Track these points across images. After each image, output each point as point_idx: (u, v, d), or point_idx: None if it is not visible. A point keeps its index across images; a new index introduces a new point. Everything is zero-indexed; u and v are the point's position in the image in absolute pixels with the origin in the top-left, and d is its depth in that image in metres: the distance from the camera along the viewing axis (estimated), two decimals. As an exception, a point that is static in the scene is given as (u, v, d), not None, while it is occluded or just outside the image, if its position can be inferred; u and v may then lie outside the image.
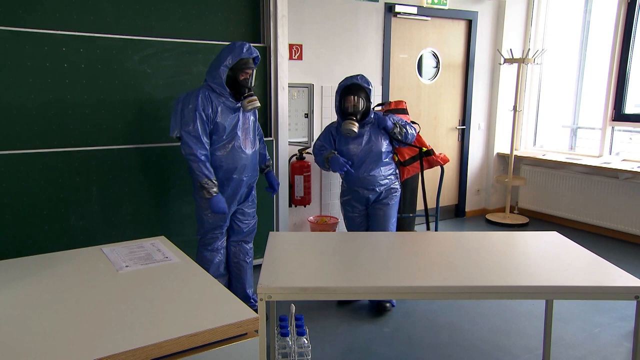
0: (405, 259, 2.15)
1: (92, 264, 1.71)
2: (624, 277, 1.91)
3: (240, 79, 2.62)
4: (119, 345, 1.17)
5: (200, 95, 2.56)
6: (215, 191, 2.58)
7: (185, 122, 2.55)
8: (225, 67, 2.58)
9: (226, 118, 2.62)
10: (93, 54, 2.99)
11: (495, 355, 2.60)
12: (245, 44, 2.62)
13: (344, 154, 2.97)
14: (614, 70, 4.61)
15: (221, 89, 2.61)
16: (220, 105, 2.61)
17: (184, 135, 2.56)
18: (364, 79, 2.95)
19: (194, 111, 2.54)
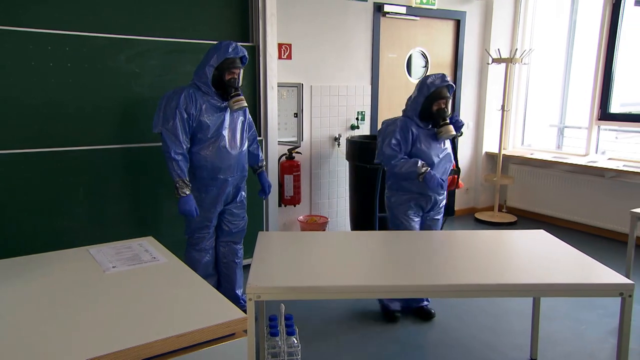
0: (394, 258, 2.16)
1: (79, 264, 1.69)
2: (609, 274, 1.94)
3: (227, 78, 2.60)
4: (106, 346, 1.15)
5: (183, 94, 2.54)
6: (184, 192, 2.55)
7: (166, 119, 2.53)
8: (211, 67, 2.57)
9: (211, 117, 2.60)
10: (79, 52, 2.96)
11: (483, 352, 2.62)
12: (231, 44, 2.60)
13: (423, 156, 2.74)
14: (600, 70, 4.67)
15: (207, 88, 2.59)
16: (205, 104, 2.59)
17: (163, 132, 2.54)
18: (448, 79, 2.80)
19: (174, 109, 2.52)
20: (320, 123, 4.29)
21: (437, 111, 2.72)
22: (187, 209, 2.58)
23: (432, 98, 2.71)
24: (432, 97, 2.71)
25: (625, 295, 1.84)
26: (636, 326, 2.87)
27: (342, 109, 4.39)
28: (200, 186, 2.69)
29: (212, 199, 2.71)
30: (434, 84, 2.71)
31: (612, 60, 4.61)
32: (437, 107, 2.72)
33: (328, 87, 4.27)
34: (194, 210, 2.60)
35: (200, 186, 2.69)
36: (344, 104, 4.39)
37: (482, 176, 5.39)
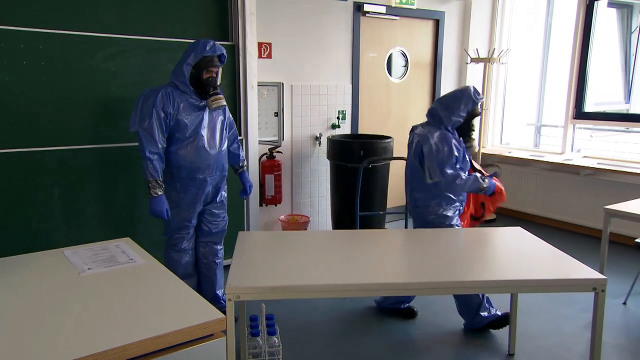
0: (374, 256, 2.17)
1: (53, 267, 1.66)
2: (583, 270, 1.98)
3: (205, 77, 2.56)
4: (80, 349, 1.13)
5: (161, 92, 2.51)
6: (156, 192, 2.51)
7: (142, 118, 2.50)
8: (189, 65, 2.53)
9: (189, 116, 2.57)
10: (53, 51, 2.90)
11: (462, 347, 2.65)
12: (208, 42, 2.56)
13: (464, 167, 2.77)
14: (575, 69, 4.76)
15: (185, 87, 2.56)
16: (183, 102, 2.56)
17: (139, 131, 2.51)
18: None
19: (151, 108, 2.49)
20: (301, 122, 4.29)
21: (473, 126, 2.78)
22: (158, 210, 2.54)
23: (474, 113, 2.74)
24: (474, 112, 2.74)
25: (599, 290, 1.89)
26: (610, 320, 2.94)
27: (322, 108, 4.39)
28: (179, 186, 2.66)
29: (191, 199, 2.68)
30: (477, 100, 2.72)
31: (586, 60, 4.71)
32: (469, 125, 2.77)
33: (309, 86, 4.26)
34: (165, 212, 2.55)
35: (179, 186, 2.66)
36: (324, 103, 4.39)
37: (461, 174, 5.45)
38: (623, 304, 3.17)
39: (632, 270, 3.46)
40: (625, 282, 3.42)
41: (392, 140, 4.13)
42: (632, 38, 5.16)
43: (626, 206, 3.03)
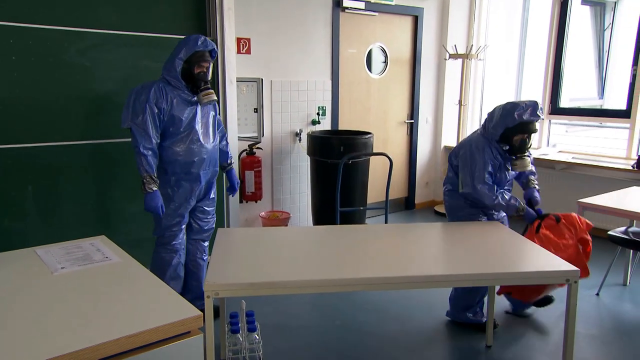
0: (355, 251, 2.18)
1: (24, 266, 1.62)
2: (557, 262, 2.03)
3: (196, 72, 2.57)
4: (51, 350, 1.11)
5: (153, 88, 2.50)
6: (152, 188, 2.49)
7: (135, 113, 2.48)
8: (180, 60, 2.53)
9: (182, 111, 2.57)
10: (25, 45, 2.82)
11: (442, 340, 2.69)
12: (200, 37, 2.56)
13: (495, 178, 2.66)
14: (550, 66, 4.86)
15: (176, 82, 2.56)
16: (176, 98, 2.55)
17: (132, 127, 2.49)
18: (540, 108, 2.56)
19: (144, 103, 2.47)
20: (281, 118, 4.27)
21: (520, 144, 2.54)
22: (153, 205, 2.52)
23: (516, 130, 2.50)
24: (517, 129, 2.50)
25: (571, 281, 1.93)
26: (583, 311, 3.02)
27: (302, 104, 4.38)
28: (173, 181, 2.64)
29: (185, 194, 2.66)
30: (521, 117, 2.47)
31: (561, 57, 4.81)
32: (519, 139, 2.53)
33: (288, 82, 4.25)
34: (160, 207, 2.54)
35: (173, 181, 2.64)
36: (304, 99, 4.38)
37: (441, 170, 5.51)
38: (596, 295, 3.25)
39: (605, 262, 3.55)
40: (598, 273, 3.50)
41: (372, 136, 4.14)
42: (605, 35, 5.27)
43: (599, 199, 3.11)
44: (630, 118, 4.42)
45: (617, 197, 3.20)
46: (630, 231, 3.22)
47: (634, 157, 4.34)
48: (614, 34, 5.13)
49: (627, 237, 3.12)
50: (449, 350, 2.60)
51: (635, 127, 4.41)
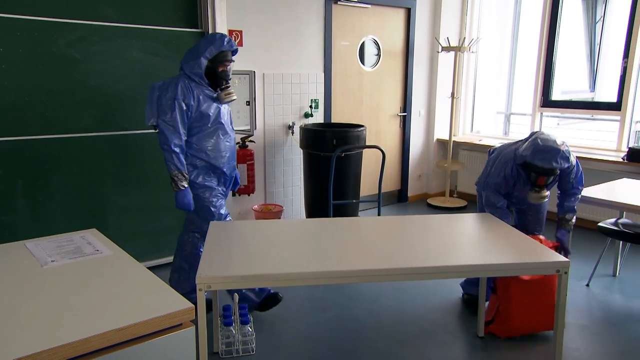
0: (348, 244, 2.18)
1: (14, 259, 1.61)
2: (547, 253, 2.04)
3: (219, 70, 2.60)
4: (40, 343, 1.11)
5: (180, 84, 2.50)
6: (183, 185, 2.52)
7: (163, 110, 2.48)
8: (205, 59, 2.55)
9: (209, 107, 2.59)
10: (12, 36, 2.78)
11: (433, 331, 2.71)
12: (225, 36, 2.60)
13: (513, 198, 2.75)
14: (542, 59, 4.87)
15: (200, 79, 2.58)
16: (201, 94, 2.57)
17: (160, 124, 2.48)
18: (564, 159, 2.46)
19: (172, 100, 2.47)
20: (274, 111, 4.26)
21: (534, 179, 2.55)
22: (186, 203, 2.54)
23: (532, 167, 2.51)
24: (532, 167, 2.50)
25: (562, 272, 1.95)
26: (573, 301, 3.05)
27: (295, 97, 4.36)
28: (203, 175, 2.64)
29: (216, 184, 2.70)
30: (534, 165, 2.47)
31: (553, 50, 4.82)
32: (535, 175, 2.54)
33: (280, 75, 4.23)
34: (190, 204, 2.56)
35: (203, 175, 2.64)
36: (297, 92, 4.37)
37: (434, 162, 5.53)
38: (586, 286, 3.29)
39: (595, 254, 3.59)
40: (588, 264, 3.54)
41: (365, 129, 4.14)
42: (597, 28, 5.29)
43: (590, 191, 3.13)
44: (620, 110, 4.45)
45: (607, 189, 3.23)
46: (620, 222, 3.25)
47: (624, 150, 4.38)
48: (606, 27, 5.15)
49: (617, 229, 3.16)
50: (441, 341, 2.62)
51: (626, 119, 4.44)
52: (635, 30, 4.29)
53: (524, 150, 2.53)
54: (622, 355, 2.48)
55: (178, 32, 3.39)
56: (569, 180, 2.68)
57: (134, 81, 3.25)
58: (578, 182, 2.72)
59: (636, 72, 4.36)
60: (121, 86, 3.20)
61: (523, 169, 2.58)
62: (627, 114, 4.43)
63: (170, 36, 3.35)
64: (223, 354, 2.43)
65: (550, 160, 2.42)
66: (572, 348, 2.54)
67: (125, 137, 3.25)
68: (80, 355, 1.13)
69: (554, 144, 2.45)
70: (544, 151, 2.44)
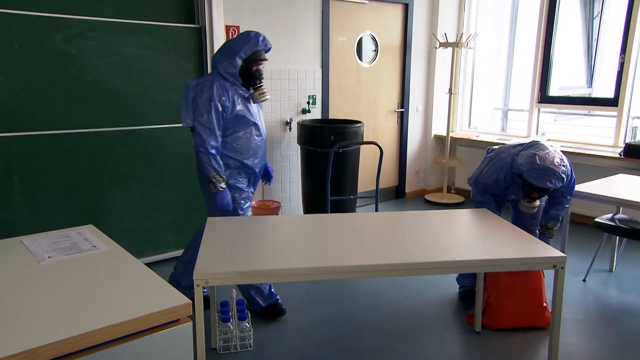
0: (345, 240, 2.18)
1: (10, 256, 1.60)
2: (544, 248, 2.05)
3: (253, 69, 2.57)
4: (38, 338, 1.10)
5: (215, 85, 2.47)
6: (222, 186, 2.50)
7: (199, 112, 2.45)
8: (240, 58, 2.52)
9: (243, 107, 2.56)
10: (7, 32, 2.76)
11: (431, 326, 2.72)
12: (260, 35, 2.56)
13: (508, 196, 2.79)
14: (539, 55, 4.87)
15: (234, 79, 2.55)
16: (235, 94, 2.54)
17: (197, 126, 2.45)
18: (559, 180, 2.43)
19: (208, 101, 2.44)
20: (271, 107, 4.25)
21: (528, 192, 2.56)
22: (226, 202, 2.53)
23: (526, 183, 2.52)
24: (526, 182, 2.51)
25: (558, 267, 1.96)
26: (570, 296, 3.06)
27: (292, 93, 4.36)
28: (235, 174, 2.63)
29: (246, 186, 2.68)
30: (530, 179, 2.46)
31: (550, 46, 4.82)
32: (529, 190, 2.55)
33: (278, 71, 4.22)
34: (230, 204, 2.55)
35: (235, 174, 2.63)
36: (294, 88, 4.36)
37: (431, 158, 5.53)
38: (583, 281, 3.30)
39: (592, 249, 3.61)
40: (585, 260, 3.56)
41: (362, 124, 4.14)
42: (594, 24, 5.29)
43: (586, 187, 3.14)
44: (617, 106, 4.46)
45: (604, 185, 3.24)
46: (617, 218, 3.26)
47: (621, 145, 4.39)
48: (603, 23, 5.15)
49: (614, 224, 3.17)
50: (438, 336, 2.63)
51: (623, 115, 4.45)
52: (632, 26, 4.29)
53: (522, 164, 2.50)
54: (618, 350, 2.50)
55: (175, 27, 3.38)
56: (559, 189, 2.68)
57: (131, 77, 3.23)
58: (569, 192, 2.73)
59: (633, 68, 4.36)
60: (118, 82, 3.19)
61: (520, 178, 2.58)
62: (624, 109, 4.44)
63: (167, 32, 3.33)
64: (221, 350, 2.44)
65: (545, 181, 2.41)
66: (568, 343, 2.55)
67: (122, 133, 3.24)
68: (77, 350, 1.13)
69: (551, 164, 2.41)
70: (540, 170, 2.42)
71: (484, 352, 2.49)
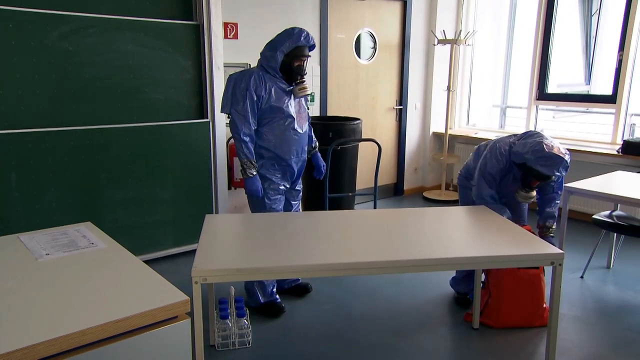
0: (343, 236, 2.18)
1: (8, 253, 1.60)
2: (542, 245, 2.05)
3: (295, 65, 2.62)
4: (36, 335, 1.10)
5: (253, 76, 2.56)
6: (252, 172, 2.59)
7: (236, 100, 2.55)
8: (282, 53, 2.58)
9: (280, 99, 2.62)
10: (4, 28, 2.75)
11: (430, 324, 2.72)
12: (303, 31, 2.62)
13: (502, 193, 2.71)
14: (538, 52, 4.87)
15: (275, 72, 2.62)
16: (274, 86, 2.61)
17: (232, 113, 2.56)
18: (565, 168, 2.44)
19: (245, 90, 2.53)
20: (269, 104, 4.24)
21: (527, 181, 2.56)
22: (254, 189, 2.61)
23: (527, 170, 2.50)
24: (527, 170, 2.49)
25: (556, 264, 1.96)
26: (568, 293, 3.07)
27: (291, 90, 4.34)
28: (269, 165, 2.70)
29: (280, 176, 2.74)
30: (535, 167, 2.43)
31: (549, 43, 4.82)
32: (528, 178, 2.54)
33: (276, 68, 4.20)
34: (260, 190, 2.63)
35: (269, 165, 2.70)
36: (292, 85, 4.35)
37: (430, 156, 5.53)
38: (580, 278, 3.31)
39: (590, 246, 3.61)
40: (583, 257, 3.57)
41: (361, 122, 4.14)
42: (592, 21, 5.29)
43: (584, 184, 3.14)
44: (615, 103, 4.46)
45: (602, 182, 3.25)
46: (615, 215, 3.27)
47: (619, 142, 4.39)
48: (601, 20, 5.15)
49: (611, 221, 3.17)
50: (437, 333, 2.64)
51: (621, 112, 4.46)
52: (630, 23, 4.29)
53: (526, 152, 2.45)
54: (615, 347, 2.51)
55: (173, 24, 3.37)
56: (550, 183, 2.67)
57: (128, 74, 3.22)
58: (559, 187, 2.72)
59: (631, 65, 4.36)
60: (116, 79, 3.18)
61: (519, 167, 2.55)
62: (622, 106, 4.44)
63: (164, 29, 3.32)
64: (219, 347, 2.44)
65: (553, 169, 2.40)
66: (566, 339, 2.56)
67: (120, 129, 3.23)
68: (76, 347, 1.13)
69: (559, 152, 2.40)
70: (548, 158, 2.39)
71: (482, 349, 2.49)
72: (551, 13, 4.75)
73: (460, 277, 2.93)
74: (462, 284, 2.92)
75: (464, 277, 2.90)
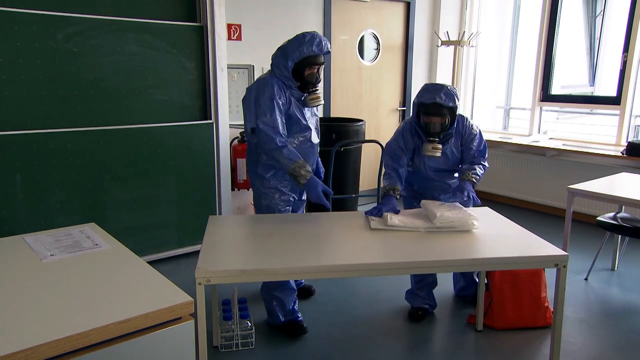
0: (345, 238, 2.18)
1: (13, 254, 1.61)
2: (546, 247, 2.04)
3: (306, 74, 2.43)
4: (40, 336, 1.11)
5: (275, 85, 2.39)
6: (308, 170, 2.35)
7: (263, 111, 2.35)
8: (292, 61, 2.39)
9: (296, 109, 2.47)
10: (9, 30, 2.77)
11: (433, 324, 2.72)
12: (315, 38, 2.40)
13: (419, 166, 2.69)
14: (542, 53, 4.86)
15: (289, 81, 2.44)
16: (291, 95, 2.46)
17: (260, 125, 2.34)
18: (448, 96, 2.43)
19: (271, 100, 2.35)
20: (273, 105, 4.24)
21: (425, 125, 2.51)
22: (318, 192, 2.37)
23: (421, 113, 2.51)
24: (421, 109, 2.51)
25: (560, 266, 1.95)
26: (572, 295, 3.06)
27: (294, 91, 4.35)
28: (281, 175, 2.54)
29: (288, 190, 2.59)
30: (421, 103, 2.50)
31: (553, 44, 4.81)
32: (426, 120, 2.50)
33: (280, 69, 4.21)
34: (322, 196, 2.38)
35: (281, 175, 2.54)
36: (296, 86, 4.35)
37: (433, 157, 5.51)
38: (585, 280, 3.30)
39: (594, 248, 3.60)
40: (587, 258, 3.55)
41: (364, 123, 4.13)
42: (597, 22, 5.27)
43: (588, 186, 3.13)
44: (620, 105, 4.44)
45: (606, 183, 3.23)
46: (619, 217, 3.25)
47: (624, 144, 4.37)
48: (606, 21, 5.13)
49: (616, 223, 3.16)
50: (441, 335, 2.63)
51: (625, 113, 4.44)
52: (635, 24, 4.27)
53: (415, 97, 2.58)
54: (619, 349, 2.49)
55: (176, 25, 3.38)
56: (470, 148, 2.60)
57: (133, 75, 3.24)
58: (480, 154, 2.62)
59: (636, 66, 4.35)
60: (120, 80, 3.19)
61: (417, 118, 2.54)
62: (627, 108, 4.42)
63: (168, 30, 3.33)
64: (222, 348, 2.44)
65: (434, 95, 2.43)
66: (570, 341, 2.55)
67: (124, 131, 3.24)
68: (80, 348, 1.14)
69: (440, 83, 2.51)
70: (428, 89, 2.49)
71: (486, 350, 2.48)
72: (555, 14, 4.74)
73: (414, 291, 2.82)
74: (417, 298, 2.81)
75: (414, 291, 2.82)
